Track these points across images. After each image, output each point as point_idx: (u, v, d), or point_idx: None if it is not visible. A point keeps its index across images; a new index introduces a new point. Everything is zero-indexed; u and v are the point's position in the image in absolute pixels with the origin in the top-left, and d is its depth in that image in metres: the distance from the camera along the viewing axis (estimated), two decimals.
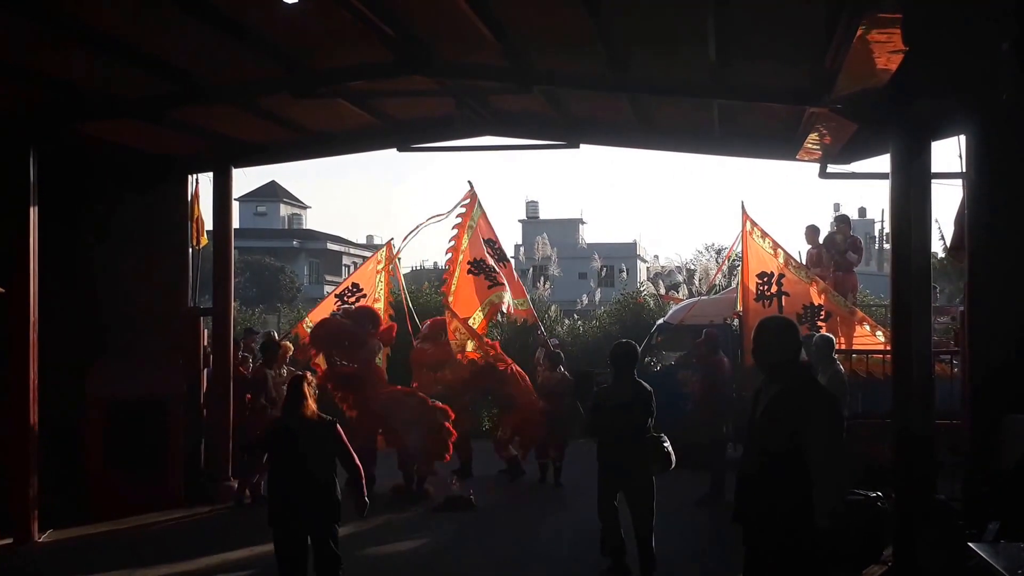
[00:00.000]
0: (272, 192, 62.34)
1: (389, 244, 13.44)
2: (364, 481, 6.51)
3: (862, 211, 58.23)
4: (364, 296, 12.72)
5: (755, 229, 11.94)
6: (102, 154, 10.86)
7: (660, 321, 14.15)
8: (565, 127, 11.13)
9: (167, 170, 11.64)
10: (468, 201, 12.86)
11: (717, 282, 16.02)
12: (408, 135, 11.66)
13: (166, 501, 9.56)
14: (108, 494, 9.97)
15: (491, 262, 12.89)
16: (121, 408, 10.21)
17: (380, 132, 11.56)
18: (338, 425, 6.41)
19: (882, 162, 11.17)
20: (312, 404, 6.34)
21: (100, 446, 10.15)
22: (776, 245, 11.82)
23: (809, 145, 9.50)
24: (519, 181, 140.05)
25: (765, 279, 11.71)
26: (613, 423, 7.27)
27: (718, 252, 24.98)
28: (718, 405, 10.75)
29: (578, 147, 11.36)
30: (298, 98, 9.39)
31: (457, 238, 12.55)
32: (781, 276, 11.65)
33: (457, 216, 12.68)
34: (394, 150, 12.04)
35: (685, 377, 12.07)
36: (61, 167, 10.21)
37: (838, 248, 12.65)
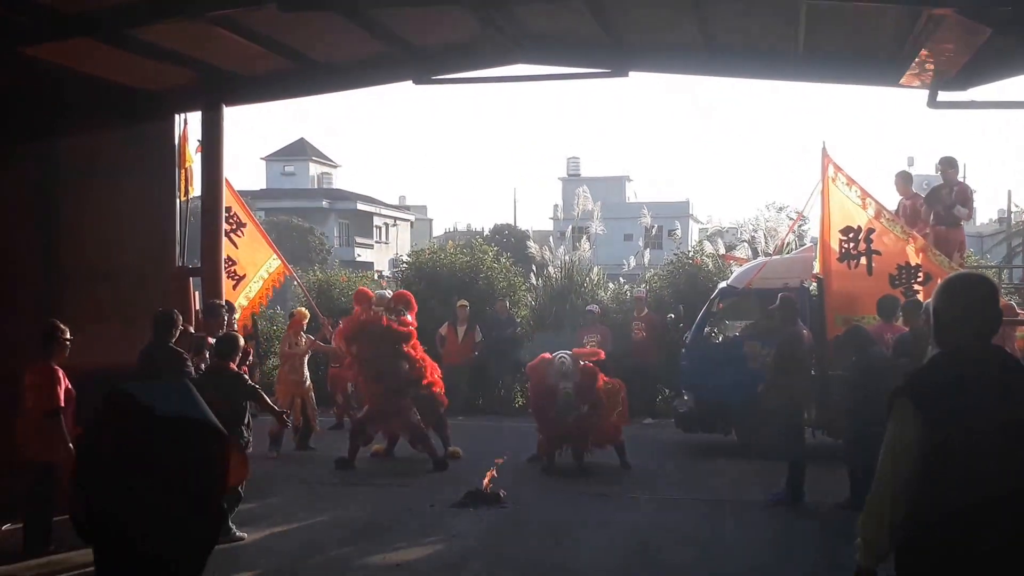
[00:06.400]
0: (301, 150, 60.59)
1: None
2: None
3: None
4: None
5: (839, 175, 10.05)
6: (70, 86, 9.27)
7: (722, 284, 12.20)
8: (613, 51, 9.38)
9: (148, 107, 10.09)
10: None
11: (789, 241, 14.06)
12: (426, 64, 9.99)
13: None
14: None
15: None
16: (94, 378, 8.66)
17: (394, 61, 9.97)
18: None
19: (1006, 88, 9.31)
20: None
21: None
22: (865, 194, 9.96)
23: (920, 64, 7.70)
24: (560, 132, 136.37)
25: (851, 235, 9.87)
26: None
27: (779, 210, 22.89)
28: (796, 385, 8.84)
29: (627, 75, 9.51)
30: (285, 11, 7.72)
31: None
32: (870, 231, 9.82)
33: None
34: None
35: (754, 351, 10.33)
36: (19, 101, 8.68)
37: (944, 203, 10.71)
